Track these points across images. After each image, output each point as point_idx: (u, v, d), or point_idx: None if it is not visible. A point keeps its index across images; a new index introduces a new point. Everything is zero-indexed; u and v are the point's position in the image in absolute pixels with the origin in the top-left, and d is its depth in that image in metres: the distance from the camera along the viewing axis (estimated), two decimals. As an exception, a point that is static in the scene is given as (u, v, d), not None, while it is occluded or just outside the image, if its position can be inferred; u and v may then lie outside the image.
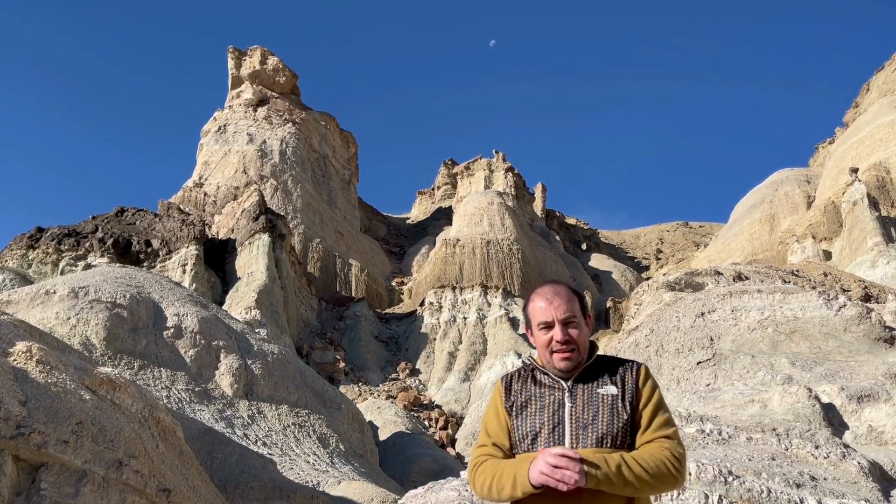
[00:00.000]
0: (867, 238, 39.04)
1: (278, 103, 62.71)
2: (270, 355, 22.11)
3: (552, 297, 2.59)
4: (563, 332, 2.54)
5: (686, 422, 7.83)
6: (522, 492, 2.37)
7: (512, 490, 2.39)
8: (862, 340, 12.40)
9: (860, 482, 6.56)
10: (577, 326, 2.56)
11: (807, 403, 8.94)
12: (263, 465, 15.38)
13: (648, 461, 2.38)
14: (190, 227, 42.25)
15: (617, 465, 2.34)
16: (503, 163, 68.52)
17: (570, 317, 2.56)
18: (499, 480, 2.42)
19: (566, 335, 2.54)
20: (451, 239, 52.56)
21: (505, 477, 2.41)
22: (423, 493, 6.17)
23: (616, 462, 2.35)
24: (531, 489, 2.34)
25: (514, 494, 2.40)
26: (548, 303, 2.58)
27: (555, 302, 2.58)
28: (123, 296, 19.83)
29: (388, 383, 41.17)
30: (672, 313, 14.92)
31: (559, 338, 2.54)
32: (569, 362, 2.53)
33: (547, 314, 2.57)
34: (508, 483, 2.40)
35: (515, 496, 2.40)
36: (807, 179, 57.00)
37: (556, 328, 2.55)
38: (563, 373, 2.55)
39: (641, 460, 2.37)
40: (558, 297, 2.59)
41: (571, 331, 2.55)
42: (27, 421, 6.64)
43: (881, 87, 54.76)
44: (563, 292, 2.61)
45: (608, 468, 2.33)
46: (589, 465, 2.31)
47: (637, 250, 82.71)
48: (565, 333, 2.54)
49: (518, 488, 2.37)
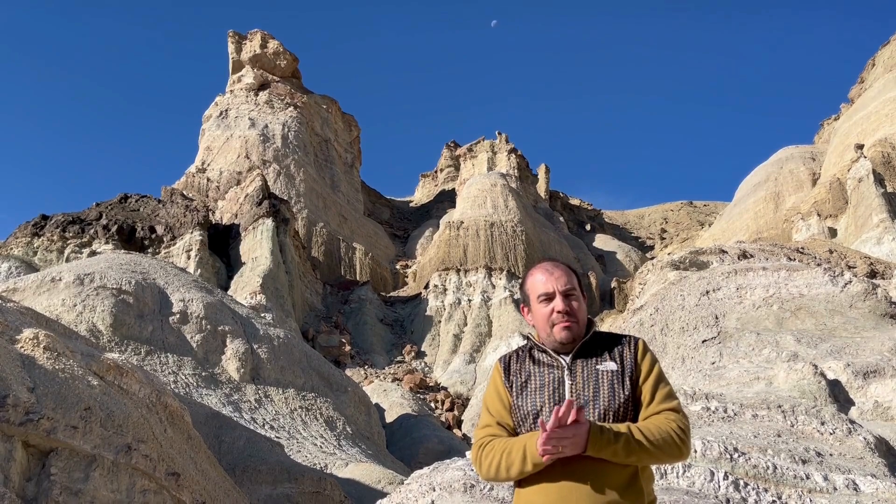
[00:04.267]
0: (873, 215, 38.88)
1: (279, 87, 62.45)
2: (276, 339, 22.19)
3: (552, 269, 2.61)
4: (564, 303, 2.54)
5: (691, 400, 7.84)
6: (533, 463, 2.37)
7: (522, 465, 2.39)
8: (868, 317, 12.37)
9: (866, 458, 6.57)
10: (577, 299, 2.58)
11: (812, 380, 8.94)
12: (271, 448, 15.48)
13: (654, 432, 2.38)
14: (193, 212, 42.28)
15: (624, 435, 2.35)
16: (506, 144, 68.27)
17: (570, 289, 2.57)
18: (507, 457, 2.42)
19: (567, 305, 2.54)
20: (455, 221, 52.50)
21: (514, 452, 2.41)
22: (429, 473, 6.20)
23: (623, 431, 2.36)
24: (541, 461, 2.35)
25: (523, 469, 2.39)
26: (548, 274, 2.59)
27: (555, 273, 2.59)
28: (129, 282, 19.88)
29: (393, 366, 41.34)
30: (677, 292, 14.91)
31: (560, 308, 2.54)
32: (569, 332, 2.53)
33: (548, 285, 2.57)
34: (518, 458, 2.39)
35: (526, 471, 2.39)
36: (812, 157, 56.68)
37: (557, 298, 2.55)
38: (563, 346, 2.55)
39: (647, 431, 2.38)
40: (558, 269, 2.61)
41: (573, 303, 2.56)
42: (36, 407, 6.68)
43: (887, 63, 54.24)
44: (561, 266, 2.64)
45: (613, 436, 2.34)
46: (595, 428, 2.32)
47: (641, 230, 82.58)
48: (567, 304, 2.55)
49: (528, 461, 2.37)
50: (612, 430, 2.36)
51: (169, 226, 41.83)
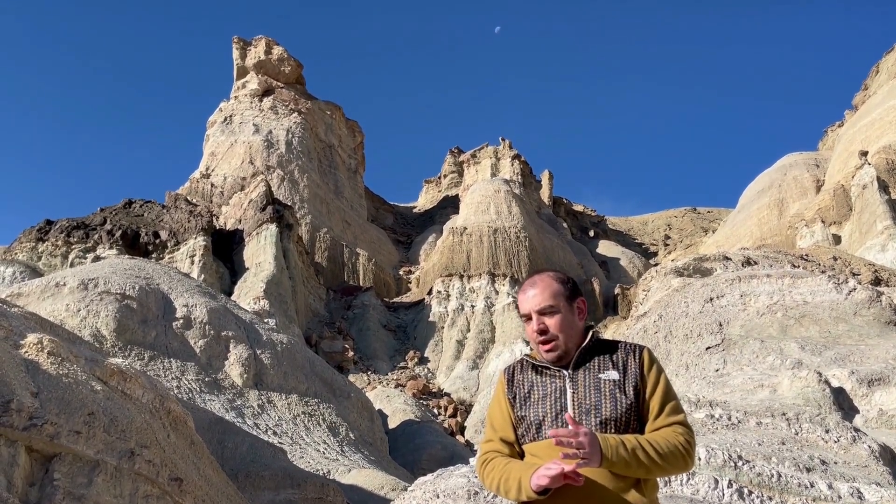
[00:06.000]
0: (877, 222, 38.81)
1: (284, 93, 62.63)
2: (279, 345, 22.20)
3: (528, 289, 2.60)
4: (538, 322, 2.54)
5: (695, 407, 7.82)
6: (527, 496, 2.38)
7: (517, 494, 2.42)
8: (872, 324, 12.34)
9: (871, 466, 6.54)
10: (556, 314, 2.53)
11: (816, 388, 8.91)
12: (274, 453, 15.47)
13: (662, 444, 2.39)
14: (197, 218, 42.36)
15: (632, 447, 2.35)
16: (509, 150, 68.30)
17: (546, 306, 2.53)
18: (505, 483, 2.45)
19: (541, 324, 2.53)
20: (459, 227, 52.51)
21: (511, 480, 2.43)
22: (433, 480, 6.19)
23: (632, 443, 2.36)
24: (534, 496, 2.36)
25: (519, 498, 2.42)
26: (524, 294, 2.60)
27: (529, 292, 2.58)
28: (133, 287, 19.92)
29: (396, 372, 41.31)
30: (680, 299, 14.89)
31: (535, 327, 2.55)
32: (552, 353, 2.53)
33: (524, 306, 2.58)
34: (514, 487, 2.42)
35: (521, 500, 2.42)
36: (816, 163, 56.63)
37: (533, 319, 2.55)
38: (552, 363, 2.55)
39: (656, 443, 2.39)
40: (533, 288, 2.58)
41: (548, 320, 2.53)
42: (39, 412, 6.69)
43: (891, 70, 54.21)
44: (541, 281, 2.59)
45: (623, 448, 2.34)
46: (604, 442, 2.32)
47: (645, 236, 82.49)
48: (540, 323, 2.53)
49: (523, 493, 2.39)
50: (624, 442, 2.36)
51: (173, 231, 41.92)
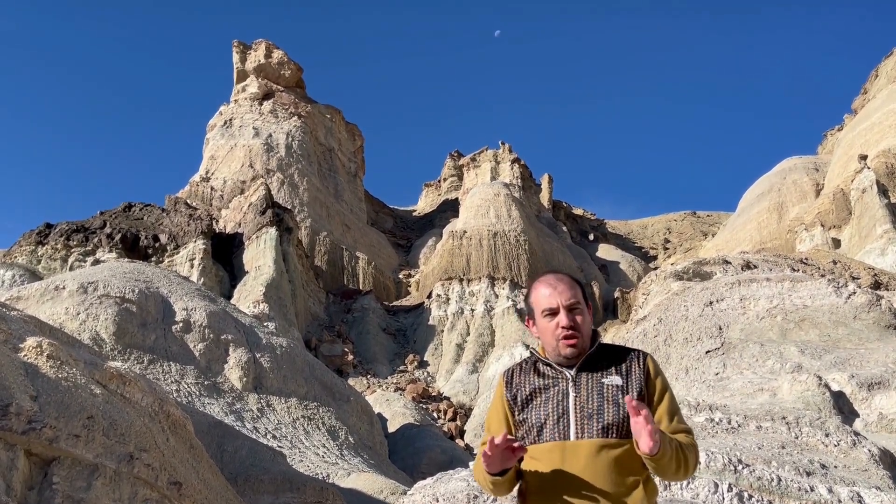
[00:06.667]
0: (876, 226, 38.82)
1: (283, 97, 62.67)
2: (279, 348, 22.18)
3: (556, 283, 2.58)
4: (568, 318, 2.52)
5: (695, 411, 7.81)
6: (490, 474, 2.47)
7: (485, 481, 2.52)
8: (872, 328, 12.33)
9: (871, 470, 6.54)
10: (581, 313, 2.55)
11: (816, 391, 8.91)
12: (273, 457, 15.44)
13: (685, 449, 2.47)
14: (197, 221, 42.37)
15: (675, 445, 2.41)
16: (509, 154, 68.32)
17: (574, 303, 2.54)
18: (481, 476, 2.53)
19: (571, 320, 2.52)
20: (458, 231, 52.50)
21: (480, 472, 2.52)
22: (432, 483, 6.19)
23: (674, 442, 2.42)
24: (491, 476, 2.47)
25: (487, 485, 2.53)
26: (552, 289, 2.57)
27: (559, 287, 2.57)
28: (132, 291, 19.91)
29: (396, 375, 41.26)
30: (680, 303, 14.88)
31: (564, 323, 2.52)
32: (574, 348, 2.52)
33: (552, 300, 2.55)
34: (481, 475, 2.53)
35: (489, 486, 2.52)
36: (815, 167, 56.65)
37: (562, 314, 2.53)
38: (568, 360, 2.55)
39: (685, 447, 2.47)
40: (562, 283, 2.58)
41: (577, 317, 2.54)
42: (39, 416, 6.68)
43: (890, 74, 54.28)
44: (565, 279, 2.61)
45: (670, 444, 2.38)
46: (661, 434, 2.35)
47: (645, 240, 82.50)
48: (570, 319, 2.52)
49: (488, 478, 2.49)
50: (670, 438, 2.42)
51: (172, 234, 41.92)
